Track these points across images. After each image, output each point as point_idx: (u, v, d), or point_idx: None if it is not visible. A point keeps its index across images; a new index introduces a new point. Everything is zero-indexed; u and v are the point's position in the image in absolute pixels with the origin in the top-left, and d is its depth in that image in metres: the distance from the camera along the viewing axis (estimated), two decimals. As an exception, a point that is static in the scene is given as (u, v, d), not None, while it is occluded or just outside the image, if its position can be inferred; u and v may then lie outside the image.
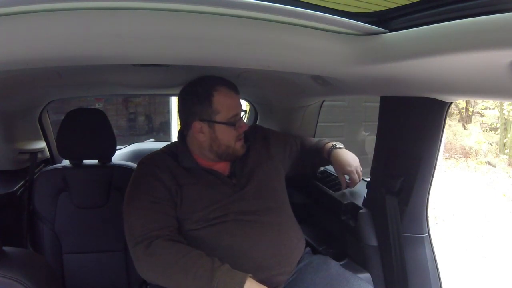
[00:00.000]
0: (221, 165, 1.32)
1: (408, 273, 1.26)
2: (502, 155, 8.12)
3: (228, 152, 1.29)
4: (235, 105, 1.28)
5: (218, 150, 1.28)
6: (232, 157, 1.31)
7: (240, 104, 1.30)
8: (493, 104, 8.62)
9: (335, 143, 1.55)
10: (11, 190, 1.63)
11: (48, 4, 0.73)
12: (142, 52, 0.91)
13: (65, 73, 1.38)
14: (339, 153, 1.50)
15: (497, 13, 0.65)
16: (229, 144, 1.27)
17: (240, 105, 1.30)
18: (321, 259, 1.31)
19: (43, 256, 1.58)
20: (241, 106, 1.31)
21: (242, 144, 1.31)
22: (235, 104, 1.28)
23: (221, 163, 1.32)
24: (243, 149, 1.31)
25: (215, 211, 1.22)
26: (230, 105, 1.26)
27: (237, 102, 1.29)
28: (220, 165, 1.31)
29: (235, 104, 1.28)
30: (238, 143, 1.29)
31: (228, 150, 1.28)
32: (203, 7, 0.80)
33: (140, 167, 1.29)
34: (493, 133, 8.99)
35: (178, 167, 1.27)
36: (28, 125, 1.89)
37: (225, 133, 1.26)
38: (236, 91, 1.29)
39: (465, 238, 4.39)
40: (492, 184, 6.65)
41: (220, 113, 1.24)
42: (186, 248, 1.13)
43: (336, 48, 0.95)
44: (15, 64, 0.93)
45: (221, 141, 1.26)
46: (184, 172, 1.26)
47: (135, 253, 1.14)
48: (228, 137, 1.27)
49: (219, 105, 1.24)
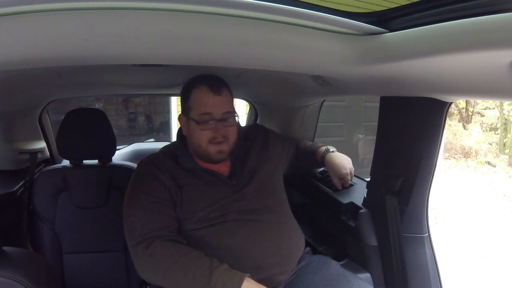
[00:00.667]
0: (221, 166, 1.31)
1: (408, 273, 1.26)
2: (502, 155, 8.12)
3: (200, 153, 1.26)
4: (209, 104, 1.22)
5: (193, 146, 1.28)
6: (208, 160, 1.27)
7: (219, 106, 1.23)
8: (493, 104, 8.62)
9: (328, 147, 1.58)
10: (11, 190, 1.63)
11: (48, 4, 0.73)
12: (142, 52, 0.91)
13: (65, 73, 1.38)
14: (332, 157, 1.54)
15: (497, 13, 0.65)
16: (200, 143, 1.24)
17: (219, 106, 1.23)
18: (321, 259, 1.31)
19: (43, 256, 1.58)
20: (222, 107, 1.24)
21: (219, 150, 1.24)
22: (209, 104, 1.22)
23: (219, 164, 1.30)
24: (219, 154, 1.24)
25: (215, 211, 1.22)
26: (202, 103, 1.23)
27: (212, 101, 1.23)
28: (219, 166, 1.31)
29: (209, 104, 1.22)
30: (212, 146, 1.23)
31: (199, 150, 1.25)
32: (203, 7, 0.80)
33: (140, 168, 1.30)
34: (493, 133, 8.99)
35: (177, 168, 1.27)
36: (28, 125, 1.89)
37: (195, 131, 1.24)
38: (215, 92, 1.23)
39: (465, 238, 4.39)
40: (492, 184, 6.65)
41: (193, 110, 1.24)
42: (185, 248, 1.14)
43: (336, 48, 0.95)
44: (15, 64, 0.93)
45: (193, 138, 1.26)
46: (184, 172, 1.26)
47: (135, 254, 1.15)
48: (198, 136, 1.24)
49: (193, 102, 1.25)
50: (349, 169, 1.51)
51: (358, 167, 1.55)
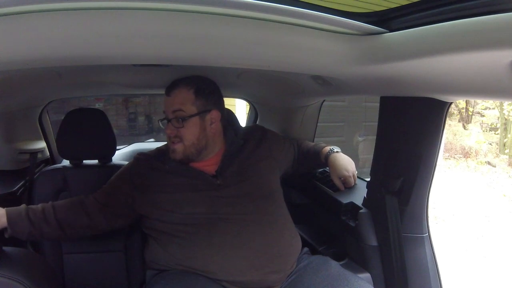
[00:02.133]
0: (207, 165, 1.32)
1: (408, 273, 1.26)
2: (502, 155, 8.12)
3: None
4: (164, 105, 1.32)
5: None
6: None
7: (168, 105, 1.29)
8: (493, 104, 8.62)
9: (332, 147, 1.57)
10: (11, 190, 1.63)
11: (48, 4, 0.73)
12: (142, 52, 0.91)
13: (65, 73, 1.38)
14: (336, 157, 1.53)
15: (497, 13, 0.65)
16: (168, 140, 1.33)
17: (168, 105, 1.29)
18: (321, 259, 1.31)
19: (43, 256, 1.58)
20: (172, 106, 1.28)
21: (172, 149, 1.29)
22: (164, 104, 1.33)
23: (208, 163, 1.32)
24: (173, 153, 1.29)
25: (199, 212, 1.24)
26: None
27: (165, 102, 1.31)
28: (206, 165, 1.32)
29: (164, 104, 1.32)
30: (170, 145, 1.30)
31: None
32: (203, 7, 0.80)
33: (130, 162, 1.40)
34: (493, 133, 9.00)
35: (163, 167, 1.32)
36: (28, 125, 1.89)
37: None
38: (167, 92, 1.31)
39: (465, 238, 4.39)
40: (492, 184, 6.65)
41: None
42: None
43: (336, 48, 0.95)
44: (15, 64, 0.93)
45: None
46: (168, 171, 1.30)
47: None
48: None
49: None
50: (352, 171, 1.51)
51: (358, 168, 1.54)
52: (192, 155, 1.29)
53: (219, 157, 1.34)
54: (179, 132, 1.27)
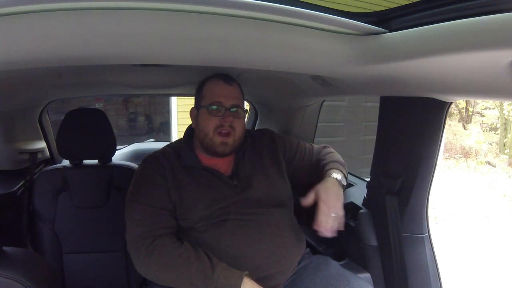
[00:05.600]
0: (223, 165, 1.32)
1: (408, 273, 1.26)
2: (502, 155, 8.13)
3: (207, 143, 1.28)
4: (221, 93, 1.28)
5: (199, 136, 1.30)
6: (212, 152, 1.29)
7: (230, 96, 1.28)
8: (493, 104, 8.63)
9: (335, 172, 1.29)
10: (11, 190, 1.63)
11: (48, 4, 0.73)
12: (142, 52, 0.91)
13: (65, 73, 1.38)
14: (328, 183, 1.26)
15: (497, 13, 0.65)
16: (207, 131, 1.26)
17: (230, 97, 1.28)
18: (321, 259, 1.31)
19: (43, 256, 1.58)
20: (232, 99, 1.28)
21: (223, 141, 1.25)
22: (220, 92, 1.28)
23: (222, 162, 1.31)
24: (222, 146, 1.26)
25: (215, 212, 1.22)
26: (214, 92, 1.29)
27: (224, 91, 1.28)
28: (222, 165, 1.31)
29: (221, 93, 1.28)
30: (218, 136, 1.26)
31: (206, 138, 1.27)
32: (203, 7, 0.80)
33: (142, 167, 1.31)
34: (493, 133, 9.00)
35: (179, 167, 1.28)
36: (28, 125, 1.89)
37: (204, 119, 1.28)
38: (227, 82, 1.30)
39: (465, 238, 4.40)
40: (492, 184, 6.65)
41: (204, 98, 1.30)
42: (186, 244, 1.16)
43: (336, 48, 0.95)
44: (15, 64, 0.93)
45: (200, 126, 1.29)
46: (185, 171, 1.27)
47: (136, 251, 1.16)
48: (206, 123, 1.27)
49: (205, 91, 1.31)
50: (335, 214, 1.18)
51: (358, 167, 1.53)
52: (235, 149, 1.31)
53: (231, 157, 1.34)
54: (234, 122, 1.27)
